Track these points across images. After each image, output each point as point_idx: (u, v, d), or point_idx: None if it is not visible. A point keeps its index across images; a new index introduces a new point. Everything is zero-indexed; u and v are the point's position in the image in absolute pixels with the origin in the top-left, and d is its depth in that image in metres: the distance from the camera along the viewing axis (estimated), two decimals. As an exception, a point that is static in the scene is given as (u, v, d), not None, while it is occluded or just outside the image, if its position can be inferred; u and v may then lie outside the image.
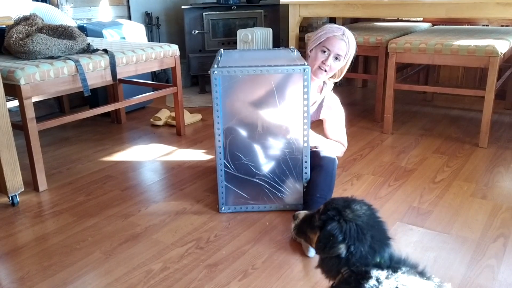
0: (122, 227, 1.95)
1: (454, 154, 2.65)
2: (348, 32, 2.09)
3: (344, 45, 2.07)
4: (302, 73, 1.86)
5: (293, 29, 3.45)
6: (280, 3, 3.51)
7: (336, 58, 2.07)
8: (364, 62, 4.28)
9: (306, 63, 1.90)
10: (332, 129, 2.25)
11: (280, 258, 1.71)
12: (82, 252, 1.77)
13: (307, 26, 4.34)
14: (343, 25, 4.11)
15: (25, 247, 1.82)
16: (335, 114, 2.24)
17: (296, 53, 2.24)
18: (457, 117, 3.38)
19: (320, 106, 2.21)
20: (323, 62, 2.07)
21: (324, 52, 2.07)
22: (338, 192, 2.22)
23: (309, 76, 1.87)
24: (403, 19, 3.99)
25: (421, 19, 3.91)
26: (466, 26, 3.59)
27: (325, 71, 2.09)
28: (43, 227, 1.96)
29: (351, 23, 4.16)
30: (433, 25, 3.80)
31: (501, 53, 2.58)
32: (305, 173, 2.00)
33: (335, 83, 2.29)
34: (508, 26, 3.57)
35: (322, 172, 2.02)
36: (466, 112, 3.48)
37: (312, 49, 2.12)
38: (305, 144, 1.96)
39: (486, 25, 3.64)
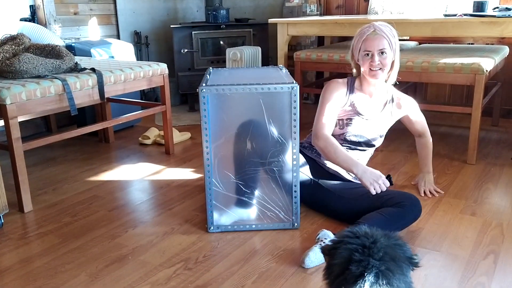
0: (108, 248, 1.91)
1: (443, 171, 2.66)
2: (378, 26, 2.04)
3: (381, 39, 2.02)
4: (290, 91, 1.86)
5: (282, 48, 3.47)
6: (269, 22, 3.54)
7: (382, 53, 2.03)
8: (352, 80, 4.31)
9: (294, 81, 1.90)
10: (418, 123, 2.29)
11: (270, 278, 1.68)
12: (67, 274, 1.73)
13: (296, 44, 4.38)
14: (331, 43, 4.17)
15: (9, 270, 1.77)
16: (413, 109, 2.25)
17: (284, 71, 2.25)
18: (445, 134, 3.41)
19: (392, 106, 2.20)
20: (371, 64, 2.03)
21: (367, 55, 2.04)
22: (328, 210, 2.20)
23: (298, 94, 1.87)
24: (390, 37, 4.03)
25: (408, 37, 3.96)
26: (451, 45, 3.64)
27: (380, 69, 2.04)
28: (28, 249, 1.92)
29: (339, 41, 4.21)
30: (420, 43, 3.85)
31: (486, 70, 2.61)
32: (295, 191, 1.98)
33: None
34: (493, 44, 3.63)
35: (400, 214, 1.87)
36: (454, 129, 3.51)
37: (358, 59, 2.09)
38: (295, 162, 1.95)
39: (472, 44, 3.70)
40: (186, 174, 2.72)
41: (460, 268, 1.72)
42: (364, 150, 2.20)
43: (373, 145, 2.21)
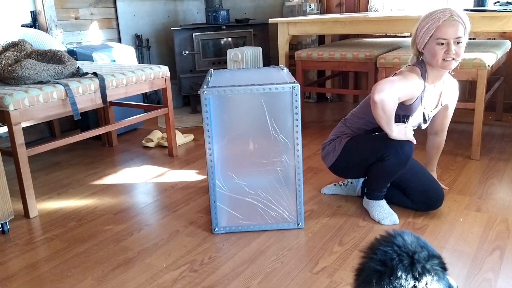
0: (114, 252, 1.92)
1: (447, 167, 2.65)
2: (454, 10, 1.85)
3: (458, 25, 1.83)
4: (291, 90, 1.86)
5: (283, 48, 3.47)
6: (269, 22, 3.54)
7: (458, 43, 1.86)
8: (354, 77, 4.31)
9: (295, 81, 1.90)
10: (446, 117, 2.19)
11: (276, 279, 1.68)
12: (73, 279, 1.74)
13: (297, 44, 4.37)
14: (332, 41, 4.16)
15: (16, 276, 1.78)
16: (455, 99, 2.16)
17: (285, 71, 2.25)
18: (448, 130, 3.38)
19: (445, 93, 2.09)
20: (446, 53, 1.86)
21: (442, 44, 1.85)
22: (333, 208, 2.20)
23: (299, 94, 1.87)
24: (391, 34, 4.03)
25: (409, 34, 3.95)
26: (453, 40, 3.62)
27: (453, 59, 1.87)
28: (34, 255, 1.93)
29: (340, 39, 4.20)
30: (421, 39, 3.83)
31: (488, 65, 2.60)
32: (299, 191, 1.98)
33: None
34: (494, 38, 3.62)
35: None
36: (457, 125, 3.50)
37: (425, 46, 1.92)
38: (298, 162, 1.95)
39: (473, 39, 3.69)
40: (190, 176, 2.73)
41: (466, 265, 1.71)
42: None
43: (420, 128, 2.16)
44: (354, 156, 2.08)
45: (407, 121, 2.03)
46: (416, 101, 1.98)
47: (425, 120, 2.10)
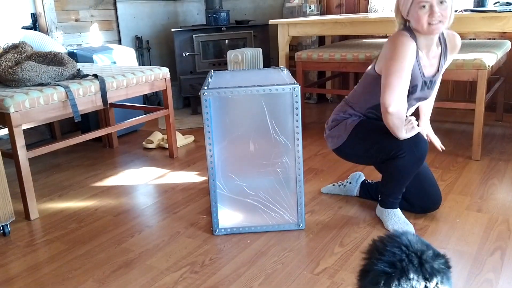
0: (115, 253, 1.92)
1: (448, 168, 2.65)
2: None
3: None
4: (292, 92, 1.87)
5: (283, 49, 3.47)
6: (269, 23, 3.54)
7: (441, 3, 1.76)
8: (354, 78, 4.31)
9: (295, 82, 1.90)
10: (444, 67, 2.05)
11: (277, 280, 1.68)
12: (74, 280, 1.74)
13: (297, 44, 4.38)
14: (332, 42, 4.17)
15: (17, 278, 1.78)
16: (456, 52, 2.05)
17: (286, 72, 2.25)
18: (449, 130, 3.39)
19: (444, 57, 1.99)
20: (430, 17, 1.77)
21: (424, 6, 1.77)
22: (334, 209, 2.20)
23: (299, 95, 1.87)
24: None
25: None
26: (453, 40, 3.62)
27: (440, 22, 1.78)
28: (35, 257, 1.93)
29: (340, 40, 4.21)
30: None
31: (489, 66, 2.60)
32: (299, 192, 1.98)
33: None
34: (494, 39, 3.62)
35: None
36: (457, 125, 3.50)
37: (408, 13, 1.83)
38: (298, 163, 1.95)
39: (473, 39, 3.69)
40: (190, 177, 2.73)
41: (467, 265, 1.71)
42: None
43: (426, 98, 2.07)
44: (362, 146, 2.01)
45: (414, 93, 1.95)
46: (414, 68, 1.88)
47: (428, 87, 1.99)
